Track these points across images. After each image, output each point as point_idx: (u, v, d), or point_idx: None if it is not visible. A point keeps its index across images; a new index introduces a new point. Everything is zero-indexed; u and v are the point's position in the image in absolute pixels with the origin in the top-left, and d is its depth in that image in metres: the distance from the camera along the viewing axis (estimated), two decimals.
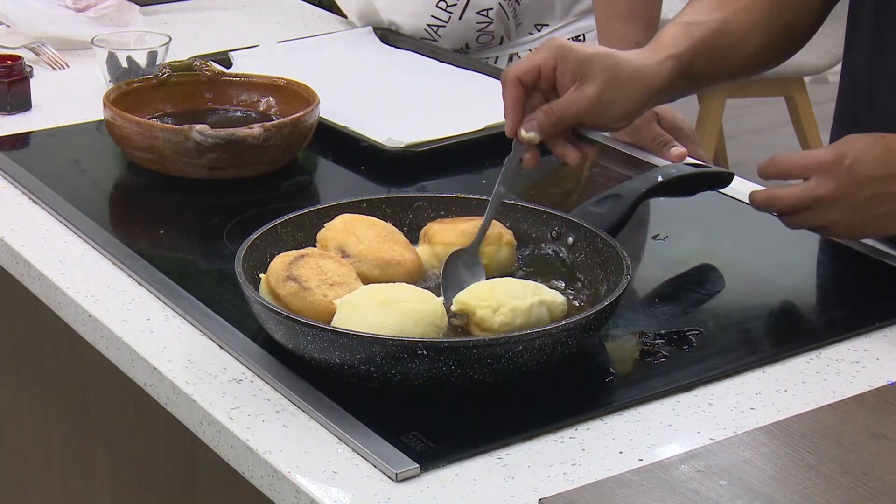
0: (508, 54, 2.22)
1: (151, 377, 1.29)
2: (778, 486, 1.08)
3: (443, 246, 1.38)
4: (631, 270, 1.31)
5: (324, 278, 1.28)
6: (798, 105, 3.93)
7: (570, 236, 1.41)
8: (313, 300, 1.26)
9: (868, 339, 1.35)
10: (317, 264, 1.29)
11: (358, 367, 1.19)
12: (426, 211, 1.46)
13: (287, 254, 1.31)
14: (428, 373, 1.18)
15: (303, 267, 1.28)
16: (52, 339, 1.63)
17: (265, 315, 1.25)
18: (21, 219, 1.59)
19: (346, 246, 1.35)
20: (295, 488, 1.12)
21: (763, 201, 1.44)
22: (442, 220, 1.43)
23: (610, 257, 1.36)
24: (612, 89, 1.40)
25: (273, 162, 1.69)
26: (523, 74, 1.40)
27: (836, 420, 1.18)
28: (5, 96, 1.89)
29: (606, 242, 1.37)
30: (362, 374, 1.20)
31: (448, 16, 2.17)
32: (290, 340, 1.23)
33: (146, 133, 1.65)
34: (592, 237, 1.39)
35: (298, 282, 1.26)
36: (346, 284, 1.29)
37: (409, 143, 1.74)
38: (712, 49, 1.50)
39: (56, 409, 1.68)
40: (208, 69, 1.84)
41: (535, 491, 1.11)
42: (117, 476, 1.57)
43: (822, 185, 1.38)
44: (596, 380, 1.27)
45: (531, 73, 1.40)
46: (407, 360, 1.18)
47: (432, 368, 1.18)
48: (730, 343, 1.34)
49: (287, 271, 1.27)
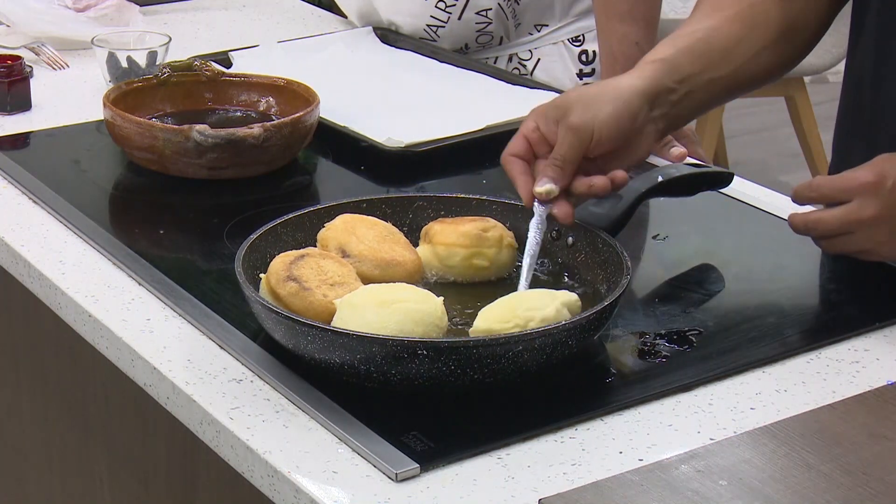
0: (508, 54, 2.22)
1: (151, 377, 1.29)
2: (778, 486, 1.08)
3: (444, 246, 1.38)
4: (631, 271, 1.31)
5: (324, 278, 1.28)
6: (798, 105, 3.93)
7: (569, 236, 1.41)
8: (313, 300, 1.26)
9: (868, 339, 1.35)
10: (317, 264, 1.29)
11: (358, 367, 1.19)
12: (426, 211, 1.46)
13: (287, 254, 1.31)
14: (428, 373, 1.18)
15: (303, 267, 1.28)
16: (52, 339, 1.63)
17: (265, 315, 1.25)
18: (21, 219, 1.59)
19: (346, 246, 1.35)
20: (295, 488, 1.12)
21: (803, 225, 1.42)
22: (443, 220, 1.43)
23: (610, 257, 1.36)
24: (586, 108, 1.38)
25: (273, 162, 1.69)
26: (515, 151, 1.41)
27: (836, 420, 1.18)
28: (5, 96, 1.89)
29: (606, 242, 1.37)
30: (362, 374, 1.20)
31: (447, 16, 2.17)
32: (289, 340, 1.23)
33: (146, 133, 1.65)
34: (592, 237, 1.39)
35: (298, 282, 1.26)
36: (347, 284, 1.29)
37: (410, 143, 1.74)
38: (702, 53, 1.49)
39: (56, 409, 1.68)
40: (208, 69, 1.84)
41: (535, 491, 1.11)
42: (117, 476, 1.57)
43: (866, 207, 1.36)
44: (596, 380, 1.27)
45: (522, 146, 1.40)
46: (407, 360, 1.18)
47: (432, 368, 1.18)
48: (730, 343, 1.34)
49: (287, 271, 1.27)
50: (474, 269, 1.39)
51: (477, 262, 1.39)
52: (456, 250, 1.38)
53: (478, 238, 1.39)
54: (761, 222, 1.60)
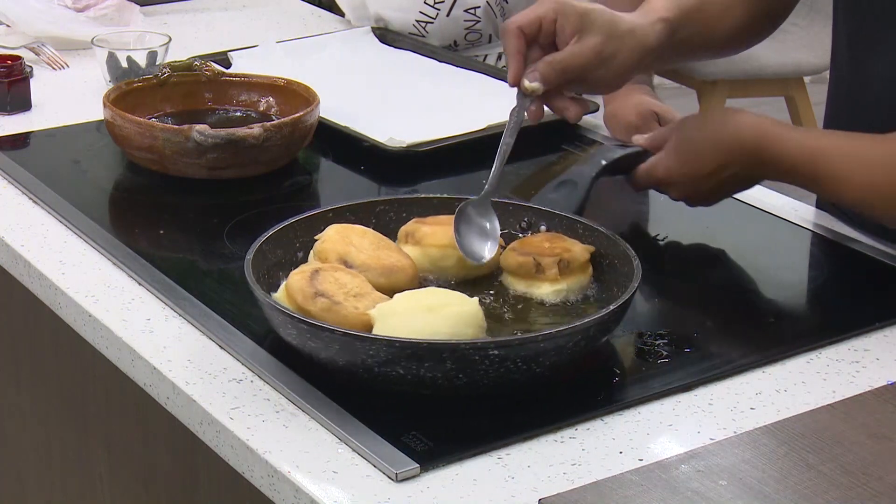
0: (497, 52, 2.22)
1: (151, 377, 1.29)
2: (778, 486, 1.08)
3: (437, 248, 1.38)
4: (640, 270, 1.31)
5: (346, 291, 1.26)
6: (798, 105, 3.93)
7: (541, 224, 1.43)
8: (347, 314, 1.24)
9: (868, 339, 1.35)
10: (334, 278, 1.27)
11: (424, 375, 1.19)
12: (388, 214, 1.44)
13: (301, 270, 1.29)
14: (496, 372, 1.18)
15: (324, 282, 1.26)
16: (52, 339, 1.63)
17: (313, 334, 1.21)
18: (21, 219, 1.59)
19: (347, 257, 1.33)
20: (295, 488, 1.12)
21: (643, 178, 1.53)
22: (420, 221, 1.42)
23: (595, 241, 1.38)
24: (612, 42, 1.42)
25: (273, 162, 1.69)
26: (526, 25, 1.41)
27: (836, 420, 1.18)
28: (5, 96, 1.89)
29: (588, 227, 1.39)
30: (427, 382, 1.19)
31: (436, 12, 2.18)
32: (344, 356, 1.20)
33: (146, 133, 1.65)
34: (570, 223, 1.41)
35: (327, 297, 1.25)
36: (367, 295, 1.27)
37: (411, 143, 1.74)
38: (698, 19, 1.53)
39: (56, 409, 1.68)
40: (208, 69, 1.84)
41: (535, 491, 1.11)
42: (117, 476, 1.57)
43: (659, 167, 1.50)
44: (596, 380, 1.27)
45: (533, 25, 1.41)
46: (478, 362, 1.18)
47: (500, 367, 1.18)
48: (730, 343, 1.34)
49: (312, 287, 1.25)
50: (467, 268, 1.39)
51: (470, 261, 1.39)
52: (451, 251, 1.38)
53: None
54: (761, 222, 1.60)
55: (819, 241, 1.56)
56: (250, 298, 1.30)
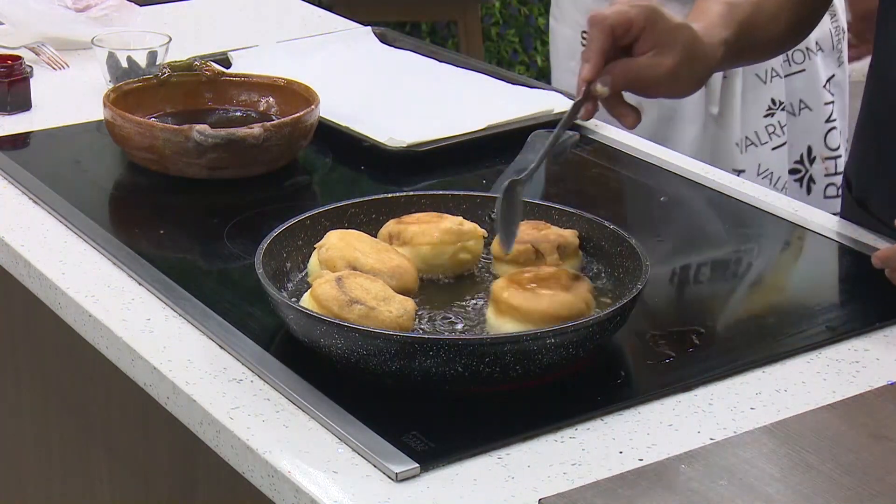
0: None
1: (151, 377, 1.29)
2: (778, 486, 1.08)
3: (430, 247, 1.38)
4: (649, 268, 1.31)
5: (373, 295, 1.26)
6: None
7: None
8: (384, 319, 1.24)
9: (868, 339, 1.35)
10: (358, 284, 1.27)
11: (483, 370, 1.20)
12: (359, 217, 1.44)
13: (325, 277, 1.28)
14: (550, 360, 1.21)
15: (354, 289, 1.26)
16: (52, 339, 1.63)
17: (366, 340, 1.20)
18: (21, 219, 1.59)
19: (355, 262, 1.32)
20: (295, 488, 1.12)
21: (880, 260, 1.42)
22: (403, 220, 1.41)
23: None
24: (687, 64, 1.41)
25: (273, 162, 1.69)
26: (618, 25, 1.38)
27: (836, 420, 1.18)
28: (5, 96, 1.89)
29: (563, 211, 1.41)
30: (484, 377, 1.20)
31: None
32: (397, 361, 1.20)
33: (146, 133, 1.65)
34: (543, 209, 1.41)
35: (362, 303, 1.25)
36: (391, 298, 1.27)
37: (411, 143, 1.74)
38: (750, 31, 1.50)
39: (56, 409, 1.68)
40: (208, 69, 1.84)
41: (535, 491, 1.11)
42: (117, 476, 1.57)
43: None
44: (596, 380, 1.27)
45: (623, 27, 1.38)
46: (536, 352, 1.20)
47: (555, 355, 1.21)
48: (730, 343, 1.34)
49: (345, 295, 1.25)
50: (459, 265, 1.39)
51: (462, 257, 1.39)
52: (444, 249, 1.38)
53: (459, 233, 1.39)
54: (762, 222, 1.60)
55: (819, 240, 1.56)
56: (250, 298, 1.31)
